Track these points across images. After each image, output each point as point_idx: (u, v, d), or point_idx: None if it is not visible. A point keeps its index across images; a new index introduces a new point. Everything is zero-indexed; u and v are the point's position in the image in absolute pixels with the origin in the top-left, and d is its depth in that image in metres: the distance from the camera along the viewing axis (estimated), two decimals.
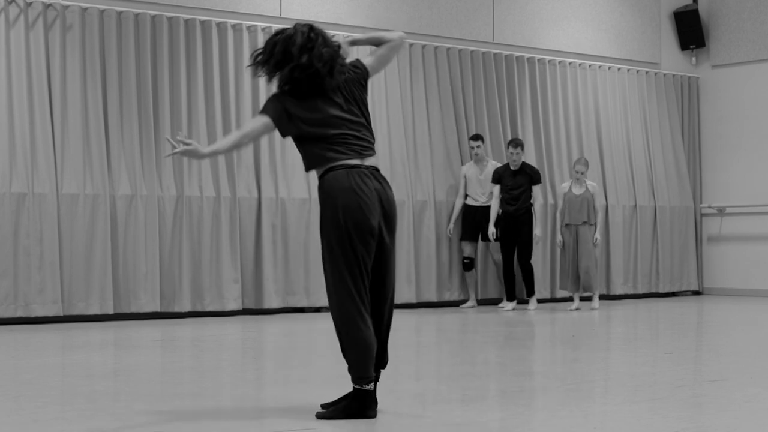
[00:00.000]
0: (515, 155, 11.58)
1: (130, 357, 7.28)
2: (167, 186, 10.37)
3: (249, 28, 11.03)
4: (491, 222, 11.68)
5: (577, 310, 11.43)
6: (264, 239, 10.85)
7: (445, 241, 12.13)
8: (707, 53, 14.61)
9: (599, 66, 13.70)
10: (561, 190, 11.85)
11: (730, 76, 14.39)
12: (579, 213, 11.54)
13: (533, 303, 11.69)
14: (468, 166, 12.13)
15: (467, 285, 12.09)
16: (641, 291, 13.74)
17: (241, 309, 10.74)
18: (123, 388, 5.76)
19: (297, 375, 6.30)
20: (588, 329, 9.48)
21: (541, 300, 12.54)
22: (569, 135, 13.32)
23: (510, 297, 11.74)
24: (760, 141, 14.04)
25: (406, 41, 5.77)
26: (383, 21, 11.95)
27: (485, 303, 12.34)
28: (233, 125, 10.67)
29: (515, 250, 11.72)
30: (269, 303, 10.84)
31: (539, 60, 13.13)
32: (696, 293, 14.51)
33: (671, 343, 8.26)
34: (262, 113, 4.72)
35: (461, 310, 11.75)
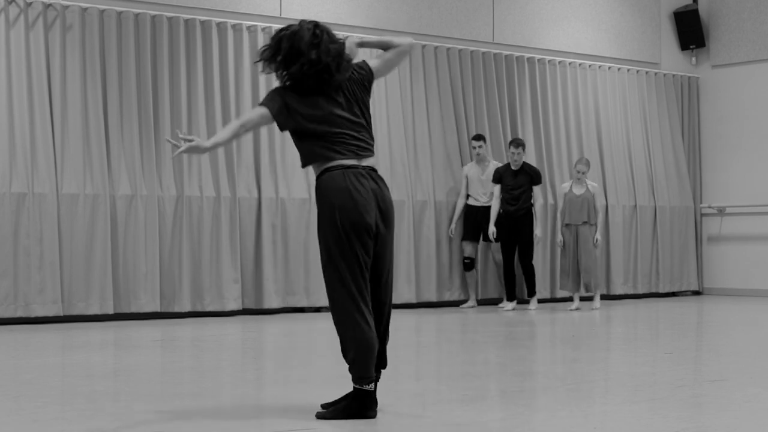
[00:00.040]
0: (516, 155, 11.57)
1: (130, 357, 7.28)
2: (167, 186, 10.37)
3: (249, 28, 11.03)
4: (491, 221, 11.68)
5: (578, 310, 11.43)
6: (264, 239, 10.85)
7: (446, 241, 12.13)
8: (707, 53, 14.61)
9: (599, 66, 13.70)
10: (561, 190, 11.85)
11: (730, 76, 14.39)
12: (579, 213, 11.54)
13: (534, 303, 11.69)
14: (469, 166, 12.13)
15: (467, 285, 12.09)
16: (641, 291, 13.74)
17: (241, 309, 10.74)
18: (123, 388, 5.76)
19: (297, 375, 6.30)
20: (588, 329, 9.48)
21: (541, 300, 12.54)
22: (569, 135, 13.32)
23: (510, 297, 11.74)
24: (760, 141, 14.04)
25: (414, 48, 5.78)
26: (383, 21, 11.95)
27: (485, 303, 12.34)
28: None
29: (515, 250, 11.73)
30: (269, 303, 10.84)
31: (539, 60, 13.13)
32: (696, 293, 14.51)
33: (671, 343, 8.26)
34: (261, 105, 4.74)
35: (461, 310, 11.75)
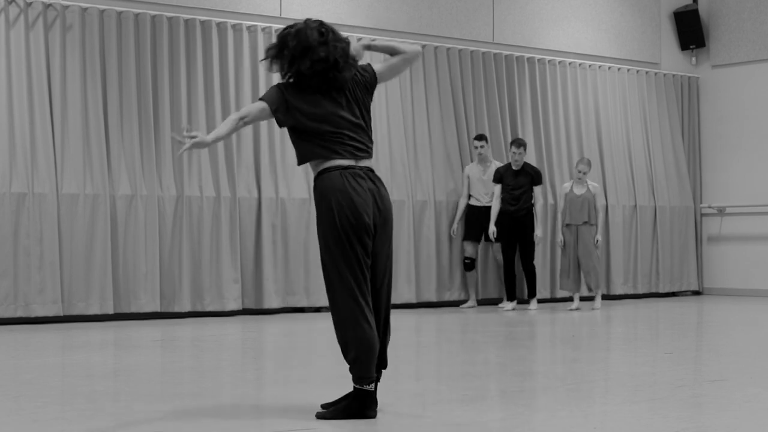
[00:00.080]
0: (518, 155, 11.56)
1: (130, 357, 7.28)
2: (167, 186, 10.37)
3: (249, 28, 11.03)
4: (492, 221, 11.67)
5: (577, 310, 11.43)
6: (264, 239, 10.85)
7: (446, 241, 12.12)
8: (707, 53, 14.61)
9: (599, 66, 13.69)
10: (563, 190, 11.85)
11: (730, 76, 14.39)
12: (580, 213, 11.53)
13: (534, 304, 11.68)
14: (471, 166, 12.12)
15: (468, 285, 12.08)
16: (641, 291, 13.74)
17: (241, 309, 10.74)
18: (123, 388, 5.76)
19: (297, 375, 6.30)
20: (588, 329, 9.48)
21: (541, 300, 12.54)
22: (569, 135, 13.31)
23: (510, 297, 11.73)
24: (760, 141, 14.04)
25: (421, 56, 5.80)
26: (383, 21, 11.94)
27: (485, 303, 12.33)
28: None
29: (516, 250, 11.72)
30: (269, 303, 10.84)
31: (539, 60, 13.13)
32: (696, 293, 14.51)
33: (671, 343, 8.26)
34: (261, 99, 4.76)
35: (461, 310, 11.74)
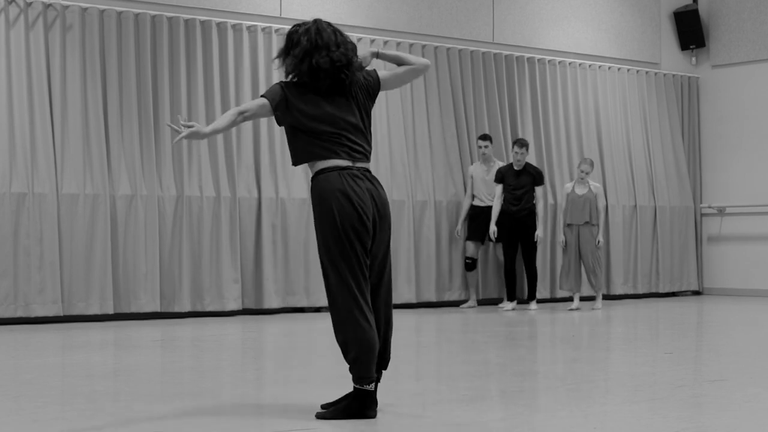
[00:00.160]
0: (520, 155, 11.55)
1: (130, 357, 7.28)
2: (167, 186, 10.37)
3: (249, 28, 11.03)
4: (492, 221, 11.66)
5: (577, 310, 11.42)
6: (264, 239, 10.85)
7: (446, 241, 12.12)
8: (707, 53, 14.61)
9: (599, 66, 13.70)
10: (564, 190, 11.85)
11: (730, 76, 14.39)
12: (581, 213, 11.53)
13: (533, 305, 11.67)
14: (475, 166, 12.11)
15: (468, 285, 12.08)
16: (641, 291, 13.74)
17: (241, 309, 10.74)
18: (123, 388, 5.76)
19: (297, 375, 6.30)
20: (588, 329, 9.47)
21: (541, 300, 12.54)
22: (569, 135, 13.31)
23: (510, 297, 11.73)
24: (760, 141, 14.04)
25: (429, 69, 5.82)
26: (383, 21, 11.94)
27: (485, 303, 12.33)
28: None
29: (517, 250, 11.72)
30: (269, 303, 10.84)
31: (539, 60, 13.13)
32: (696, 293, 14.51)
33: (671, 343, 8.26)
34: (262, 96, 4.77)
35: (461, 310, 11.74)
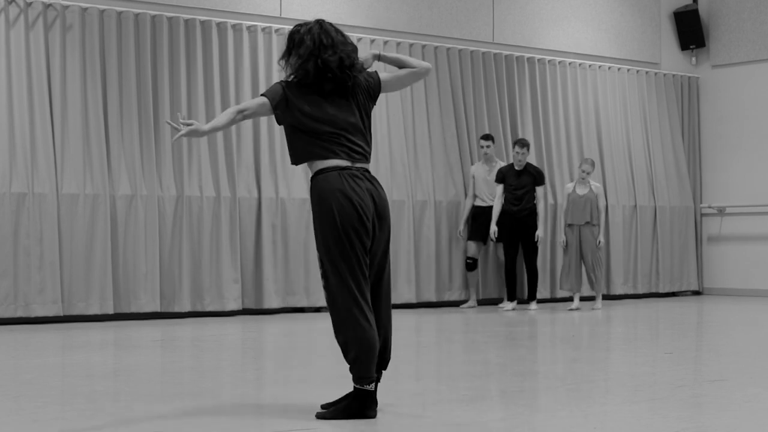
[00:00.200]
0: (521, 155, 11.55)
1: (130, 357, 7.28)
2: (167, 186, 10.37)
3: (249, 28, 11.03)
4: (493, 221, 11.66)
5: (577, 310, 11.42)
6: (264, 239, 10.85)
7: (446, 241, 12.11)
8: (707, 53, 14.61)
9: (599, 66, 13.69)
10: (565, 190, 11.85)
11: (730, 76, 14.39)
12: (582, 213, 11.53)
13: (533, 305, 11.67)
14: (477, 166, 12.10)
15: (468, 285, 12.08)
16: (641, 291, 13.74)
17: (241, 309, 10.74)
18: (123, 388, 5.76)
19: (297, 375, 6.30)
20: (588, 329, 9.47)
21: (541, 300, 12.54)
22: (569, 135, 13.32)
23: (510, 297, 11.73)
24: (760, 141, 14.04)
25: (431, 72, 5.83)
26: (383, 21, 11.94)
27: (485, 303, 12.33)
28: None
29: (518, 250, 11.72)
30: (269, 303, 10.84)
31: (539, 60, 13.13)
32: (696, 293, 14.51)
33: (671, 343, 8.26)
34: (262, 95, 4.77)
35: (461, 310, 11.74)
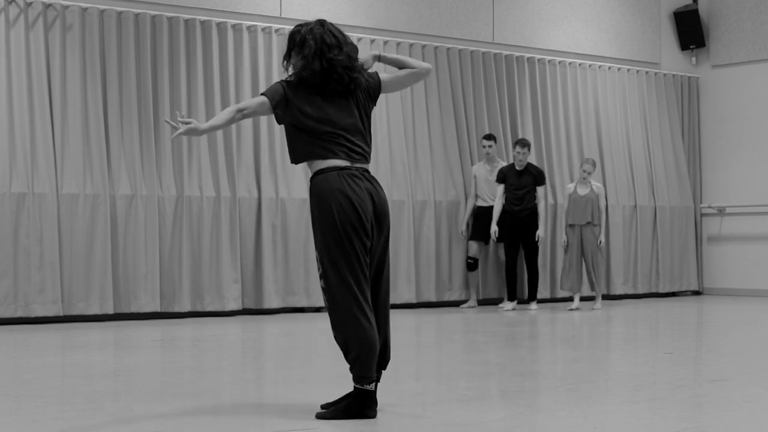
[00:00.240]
0: (522, 155, 11.55)
1: (130, 357, 7.28)
2: (167, 186, 10.37)
3: (249, 28, 11.03)
4: (493, 221, 11.66)
5: (577, 310, 11.42)
6: (264, 239, 10.85)
7: (446, 241, 12.11)
8: (707, 53, 14.61)
9: (599, 66, 13.69)
10: (567, 190, 11.85)
11: (730, 76, 14.39)
12: (583, 213, 11.53)
13: (533, 305, 11.67)
14: (478, 166, 12.10)
15: (469, 284, 12.07)
16: (641, 291, 13.74)
17: (241, 309, 10.74)
18: (123, 388, 5.76)
19: (297, 375, 6.30)
20: (588, 329, 9.48)
21: (541, 300, 12.54)
22: (569, 135, 13.32)
23: (511, 297, 11.73)
24: (760, 141, 14.04)
25: (431, 73, 5.83)
26: (383, 21, 11.94)
27: (485, 303, 12.33)
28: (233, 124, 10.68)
29: (519, 250, 11.71)
30: (269, 303, 10.84)
31: (539, 60, 13.13)
32: (696, 293, 14.51)
33: (671, 343, 8.26)
34: (262, 94, 4.77)
35: (461, 310, 11.74)
